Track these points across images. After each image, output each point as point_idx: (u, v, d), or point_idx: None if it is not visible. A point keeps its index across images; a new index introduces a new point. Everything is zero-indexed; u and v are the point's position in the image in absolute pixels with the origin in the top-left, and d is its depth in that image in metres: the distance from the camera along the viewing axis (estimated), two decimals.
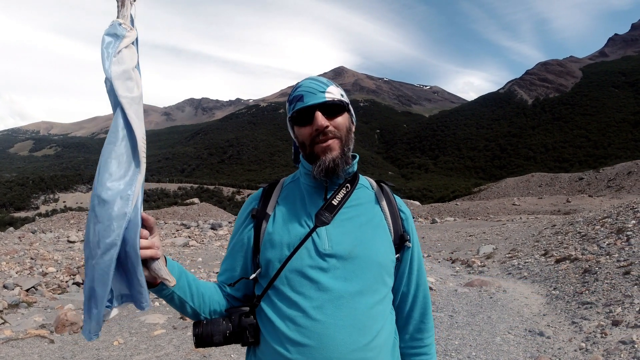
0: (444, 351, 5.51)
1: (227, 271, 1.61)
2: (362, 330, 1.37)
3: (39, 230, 31.11)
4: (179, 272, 1.41)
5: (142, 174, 1.27)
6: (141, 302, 1.25)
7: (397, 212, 1.58)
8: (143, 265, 1.25)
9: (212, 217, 38.85)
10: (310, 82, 1.52)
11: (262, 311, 1.46)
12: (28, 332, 6.72)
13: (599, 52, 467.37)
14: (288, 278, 1.42)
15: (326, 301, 1.37)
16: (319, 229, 1.46)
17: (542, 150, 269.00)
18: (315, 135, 1.47)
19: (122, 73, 1.25)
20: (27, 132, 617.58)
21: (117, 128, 1.23)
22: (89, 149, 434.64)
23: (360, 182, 1.61)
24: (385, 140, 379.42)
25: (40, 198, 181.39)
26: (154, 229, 1.30)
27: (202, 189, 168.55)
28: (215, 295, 1.55)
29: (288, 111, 1.57)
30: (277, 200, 1.59)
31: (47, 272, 12.87)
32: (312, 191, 1.55)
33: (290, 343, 1.35)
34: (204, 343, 1.43)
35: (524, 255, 12.06)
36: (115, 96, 1.24)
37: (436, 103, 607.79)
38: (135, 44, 1.34)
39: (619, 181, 52.90)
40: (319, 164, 1.46)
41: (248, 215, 1.60)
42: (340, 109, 1.52)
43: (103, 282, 1.17)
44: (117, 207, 1.18)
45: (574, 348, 5.37)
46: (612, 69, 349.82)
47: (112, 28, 1.29)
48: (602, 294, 6.92)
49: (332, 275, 1.40)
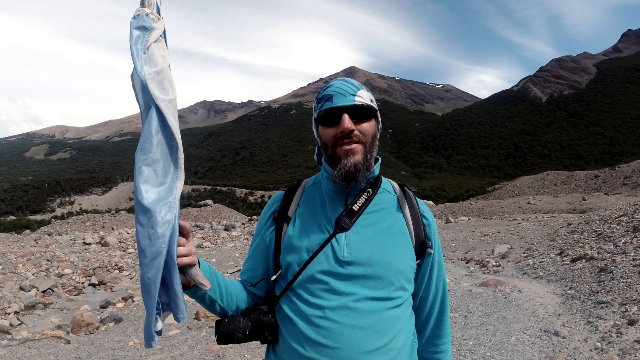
0: (458, 351, 5.48)
1: (250, 270, 1.63)
2: (378, 333, 1.38)
3: (55, 232, 31.51)
4: (210, 273, 1.44)
5: (182, 179, 1.23)
6: (177, 313, 1.24)
7: (419, 218, 1.57)
8: (180, 271, 1.25)
9: (226, 219, 39.04)
10: (341, 84, 1.51)
11: (281, 310, 1.48)
12: (44, 332, 6.82)
13: (613, 47, 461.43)
14: (306, 282, 1.44)
15: (343, 303, 1.38)
16: (339, 235, 1.46)
17: (557, 148, 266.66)
18: (339, 138, 1.45)
19: (156, 74, 1.18)
20: (42, 136, 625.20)
21: (151, 132, 1.17)
22: (103, 152, 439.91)
23: (382, 185, 1.60)
24: (398, 139, 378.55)
25: (56, 201, 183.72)
26: (190, 235, 1.31)
27: (216, 190, 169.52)
28: (242, 294, 1.57)
29: (315, 109, 1.55)
30: (298, 203, 1.59)
31: (63, 274, 13.03)
32: (333, 196, 1.54)
33: (308, 341, 1.38)
34: (226, 340, 1.47)
35: (540, 254, 11.94)
36: (149, 96, 1.17)
37: (449, 102, 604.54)
38: (163, 36, 1.25)
39: (635, 178, 52.24)
40: (339, 168, 1.45)
41: (270, 217, 1.62)
42: (369, 115, 1.50)
43: (150, 293, 1.16)
44: (160, 214, 1.15)
45: (589, 348, 5.31)
46: (627, 64, 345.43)
47: (140, 19, 1.20)
48: (617, 293, 6.83)
49: (349, 282, 1.41)
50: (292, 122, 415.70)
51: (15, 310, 8.82)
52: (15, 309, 8.86)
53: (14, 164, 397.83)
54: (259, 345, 6.11)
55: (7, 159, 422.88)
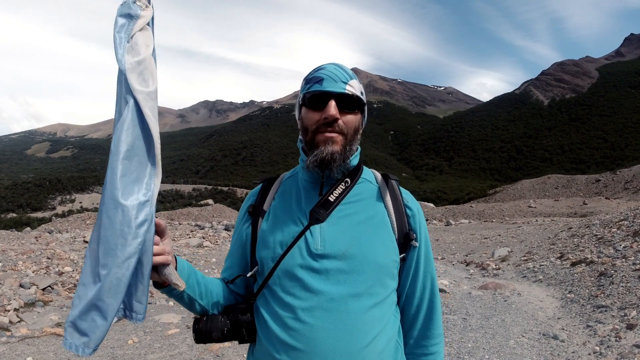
0: (457, 354, 5.48)
1: (229, 268, 1.58)
2: (355, 335, 1.29)
3: (56, 230, 31.51)
4: (188, 272, 1.39)
5: (159, 176, 1.19)
6: (138, 312, 1.18)
7: (402, 208, 1.47)
8: (154, 270, 1.21)
9: (226, 218, 39.05)
10: (334, 68, 1.42)
11: (258, 309, 1.42)
12: (44, 330, 6.83)
13: (615, 52, 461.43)
14: (280, 278, 1.37)
15: (316, 304, 1.30)
16: (313, 227, 1.38)
17: (558, 152, 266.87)
18: (322, 124, 1.37)
19: (137, 64, 1.13)
20: (44, 134, 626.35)
21: (130, 125, 1.12)
22: (105, 151, 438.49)
23: (363, 175, 1.52)
24: (400, 141, 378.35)
25: (56, 199, 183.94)
26: (165, 233, 1.27)
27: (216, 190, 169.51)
28: (222, 292, 1.52)
29: (301, 90, 1.46)
30: (274, 196, 1.52)
31: (63, 272, 13.04)
32: (308, 187, 1.47)
33: (280, 344, 1.31)
34: (203, 339, 1.41)
35: (540, 258, 11.94)
36: (128, 88, 1.13)
37: (451, 104, 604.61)
38: (150, 25, 1.20)
39: (636, 183, 52.09)
40: (315, 154, 1.37)
41: (246, 211, 1.55)
42: (356, 106, 1.42)
43: (116, 293, 1.09)
44: (137, 212, 1.10)
45: (588, 352, 5.31)
46: (629, 69, 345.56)
47: (126, 7, 1.16)
48: (617, 298, 6.83)
49: (324, 277, 1.33)
50: (293, 123, 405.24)
51: (15, 308, 8.83)
52: (15, 306, 8.87)
53: (16, 162, 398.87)
54: None
55: (9, 156, 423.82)
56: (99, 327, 1.09)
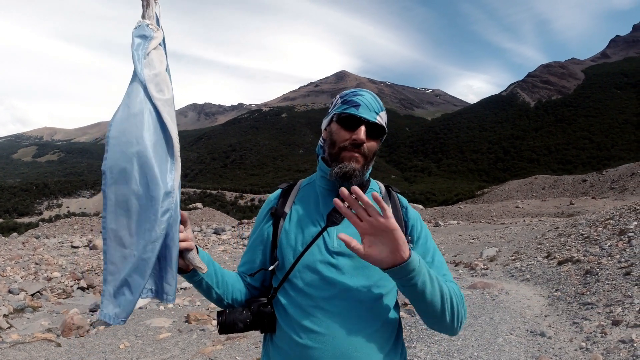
0: (447, 352, 5.56)
1: (247, 263, 1.76)
2: (367, 320, 1.50)
3: (43, 235, 31.22)
4: (208, 260, 1.57)
5: (179, 171, 1.37)
6: (169, 294, 1.34)
7: (401, 217, 1.67)
8: (179, 255, 1.37)
9: (215, 222, 38.90)
10: (371, 98, 1.61)
11: (278, 301, 1.59)
12: (35, 335, 6.81)
13: (601, 53, 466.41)
14: (301, 272, 1.55)
15: (334, 294, 1.50)
16: (330, 229, 1.59)
17: (545, 153, 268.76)
18: (350, 143, 1.56)
19: (154, 76, 1.33)
20: (30, 138, 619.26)
21: (151, 127, 1.30)
22: (92, 155, 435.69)
23: (371, 186, 1.74)
24: (388, 143, 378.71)
25: (43, 204, 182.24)
26: (187, 223, 1.45)
27: (205, 193, 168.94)
28: (237, 284, 1.69)
29: (337, 107, 1.64)
30: (294, 200, 1.73)
31: (51, 277, 12.98)
32: (325, 193, 1.68)
33: (302, 329, 1.50)
34: (227, 330, 1.58)
35: (527, 257, 12.09)
36: (149, 96, 1.31)
37: (438, 106, 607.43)
38: (162, 45, 1.41)
39: (622, 183, 52.79)
40: (340, 166, 1.56)
41: (268, 212, 1.74)
42: (379, 135, 1.63)
43: (143, 272, 1.26)
44: (162, 202, 1.28)
45: (574, 348, 5.42)
46: (614, 70, 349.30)
47: (141, 29, 1.36)
48: (602, 295, 6.96)
49: (340, 271, 1.53)
50: (282, 126, 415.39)
51: (5, 314, 8.78)
52: (4, 312, 8.83)
53: (2, 166, 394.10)
54: (250, 347, 6.16)
55: None
56: (128, 301, 1.27)
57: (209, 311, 8.59)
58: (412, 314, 7.25)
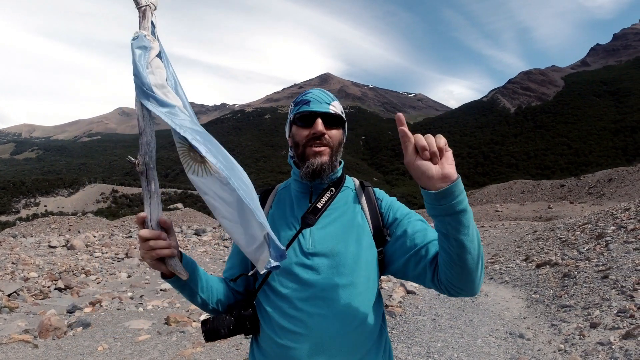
0: (427, 353, 5.60)
1: (231, 269, 1.78)
2: (345, 319, 1.51)
3: (20, 234, 30.61)
4: (193, 266, 1.56)
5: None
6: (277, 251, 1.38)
7: (376, 208, 1.68)
8: (161, 261, 1.41)
9: (196, 223, 38.54)
10: (319, 92, 1.68)
11: (259, 304, 1.63)
12: (12, 337, 6.66)
13: (581, 61, 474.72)
14: (278, 275, 1.58)
15: (311, 294, 1.52)
16: (305, 231, 1.61)
17: (524, 158, 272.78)
18: (311, 138, 1.61)
19: (159, 85, 1.39)
20: (8, 135, 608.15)
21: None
22: (71, 153, 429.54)
23: (346, 184, 1.75)
24: (371, 146, 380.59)
25: (21, 202, 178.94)
26: (171, 229, 1.44)
27: (186, 194, 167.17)
28: (222, 289, 1.70)
29: (291, 111, 1.71)
30: (271, 205, 1.77)
31: (28, 277, 12.74)
32: (300, 196, 1.70)
33: (282, 330, 1.52)
34: (212, 337, 1.60)
35: (506, 260, 12.23)
36: (160, 101, 1.38)
37: (421, 110, 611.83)
38: (159, 56, 1.46)
39: (599, 188, 53.67)
40: (307, 166, 1.60)
41: None
42: (338, 123, 1.66)
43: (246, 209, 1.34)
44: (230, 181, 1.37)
45: (553, 349, 5.49)
46: (594, 78, 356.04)
47: (140, 40, 1.40)
48: (581, 298, 7.07)
49: (316, 272, 1.55)
50: (265, 127, 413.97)
51: None
52: None
53: None
54: (230, 349, 6.12)
55: None
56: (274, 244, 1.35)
57: (189, 313, 8.51)
58: (392, 316, 7.28)
